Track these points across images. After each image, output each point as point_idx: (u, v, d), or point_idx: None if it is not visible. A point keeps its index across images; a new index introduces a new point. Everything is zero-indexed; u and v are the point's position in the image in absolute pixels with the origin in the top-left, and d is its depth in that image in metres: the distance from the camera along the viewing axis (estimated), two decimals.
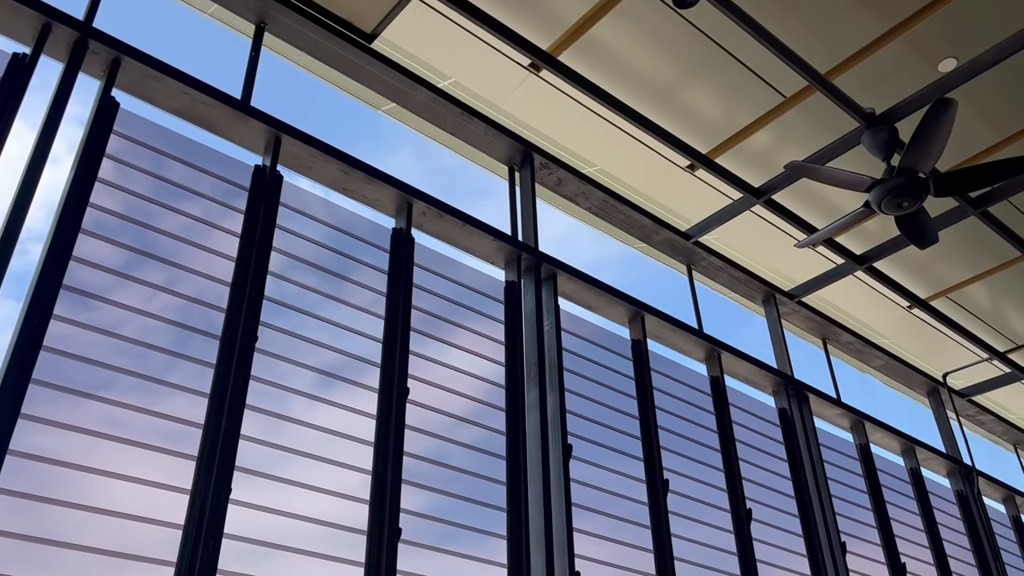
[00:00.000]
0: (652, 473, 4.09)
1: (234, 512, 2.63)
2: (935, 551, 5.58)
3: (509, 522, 3.42)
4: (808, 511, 4.78)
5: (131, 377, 2.66)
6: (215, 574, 2.51)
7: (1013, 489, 6.71)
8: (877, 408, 5.86)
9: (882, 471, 5.57)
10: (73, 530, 2.37)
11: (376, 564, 2.91)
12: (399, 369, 3.35)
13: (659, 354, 4.65)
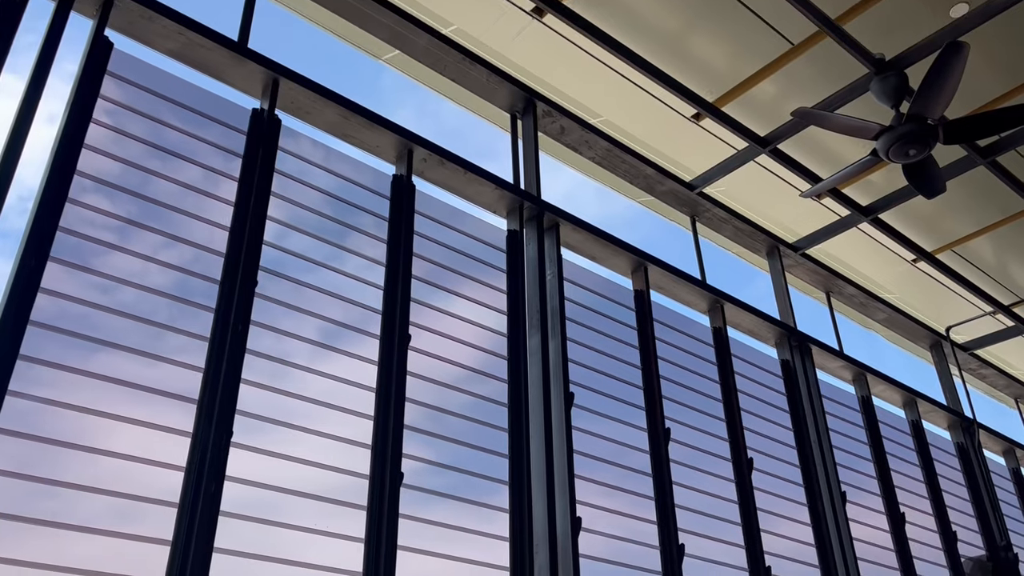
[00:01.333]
0: (654, 422, 4.09)
1: (237, 464, 2.63)
2: (934, 502, 5.61)
3: (511, 469, 3.43)
4: (809, 461, 4.80)
5: (133, 332, 2.64)
6: (216, 517, 2.51)
7: (1013, 442, 6.73)
8: (879, 362, 5.89)
9: (883, 423, 5.58)
10: (79, 475, 2.36)
11: (378, 509, 2.92)
12: (400, 316, 3.33)
13: (662, 305, 4.63)
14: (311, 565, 2.68)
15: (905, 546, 5.09)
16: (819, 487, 4.72)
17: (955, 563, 5.41)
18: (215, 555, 2.47)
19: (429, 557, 3.02)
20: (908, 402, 6.00)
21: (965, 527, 5.74)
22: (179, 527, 2.44)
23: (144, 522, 2.42)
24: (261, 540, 2.65)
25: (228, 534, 2.53)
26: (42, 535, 2.27)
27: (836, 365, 5.54)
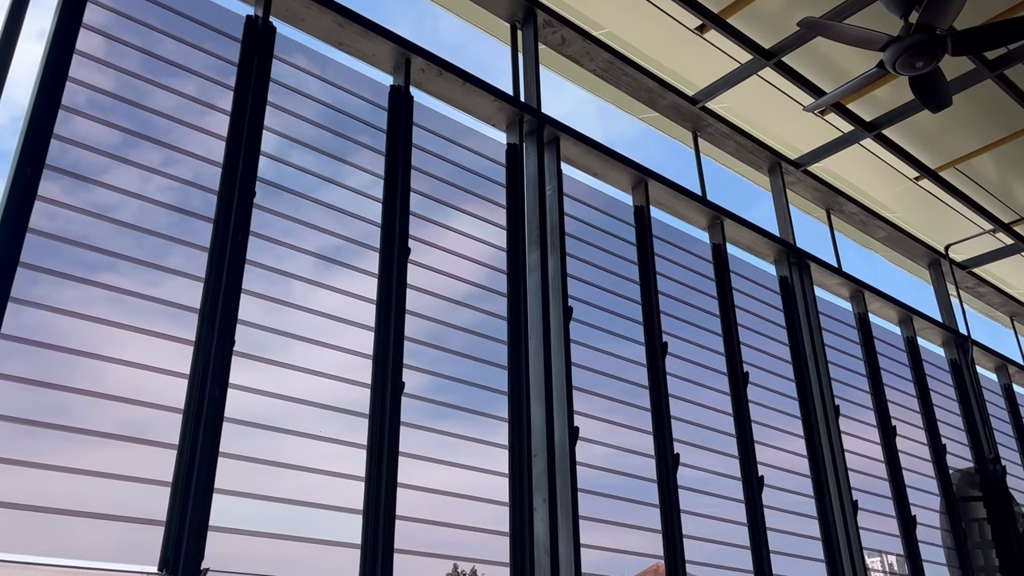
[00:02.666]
0: (651, 337, 4.13)
1: (241, 377, 2.66)
2: (925, 416, 5.72)
3: (510, 380, 3.48)
4: (804, 376, 4.86)
5: (135, 249, 2.63)
6: (221, 424, 2.56)
7: (1006, 358, 6.82)
8: (877, 282, 5.89)
9: (879, 339, 5.64)
10: (82, 409, 2.39)
11: (380, 417, 2.97)
12: (400, 229, 3.33)
13: (662, 221, 4.63)
14: (314, 470, 2.74)
15: (895, 458, 5.20)
16: (813, 401, 4.80)
17: (943, 475, 5.54)
18: (220, 460, 2.52)
19: (431, 464, 3.09)
20: (904, 319, 6.05)
21: (955, 441, 5.86)
22: (184, 433, 2.48)
23: (152, 431, 2.46)
24: (265, 448, 2.70)
25: (233, 443, 2.58)
26: (55, 441, 2.31)
27: (834, 282, 5.56)
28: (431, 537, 3.02)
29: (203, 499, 2.42)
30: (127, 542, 2.37)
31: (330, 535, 2.77)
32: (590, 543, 3.38)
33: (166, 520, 2.36)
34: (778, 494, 4.33)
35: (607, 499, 3.62)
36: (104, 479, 2.32)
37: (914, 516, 5.06)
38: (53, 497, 2.24)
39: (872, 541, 4.68)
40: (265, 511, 2.65)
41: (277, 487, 2.68)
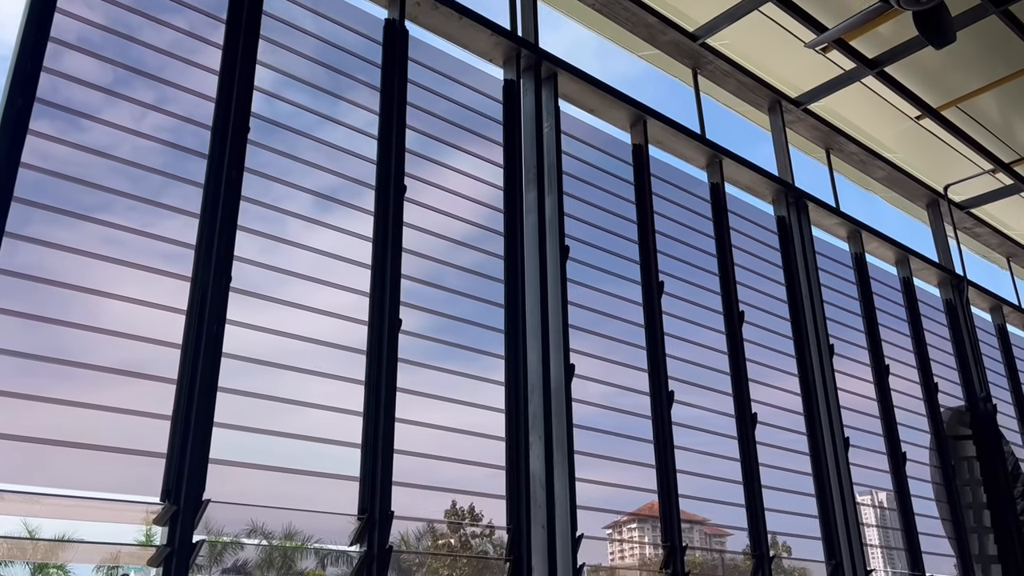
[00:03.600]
0: (648, 275, 4.14)
1: (238, 314, 2.67)
2: (919, 356, 5.77)
3: (507, 318, 3.50)
4: (799, 315, 4.89)
5: (129, 188, 2.61)
6: (219, 359, 2.58)
7: (1001, 299, 6.85)
8: (875, 224, 5.87)
9: (875, 279, 5.66)
10: (81, 347, 2.40)
11: (378, 354, 2.99)
12: (395, 166, 3.30)
13: (660, 160, 4.59)
14: (313, 405, 2.78)
15: (887, 396, 5.27)
16: (808, 340, 4.84)
17: (935, 413, 5.62)
18: (220, 395, 2.55)
19: (428, 401, 3.12)
20: (900, 259, 6.06)
21: (947, 380, 5.93)
22: (183, 369, 2.50)
23: (150, 368, 2.48)
24: (264, 385, 2.73)
25: (232, 380, 2.61)
26: (56, 380, 2.33)
27: (832, 222, 5.55)
28: (429, 475, 3.06)
29: (203, 432, 2.45)
30: (130, 475, 2.41)
31: (329, 469, 2.81)
32: (585, 478, 3.44)
33: (167, 453, 2.40)
34: (771, 431, 4.40)
35: (602, 435, 3.67)
36: (105, 412, 2.34)
37: (904, 453, 5.15)
38: (55, 431, 2.27)
39: (863, 477, 4.77)
40: (265, 445, 2.69)
41: (276, 422, 2.72)
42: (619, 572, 13.60)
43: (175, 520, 2.33)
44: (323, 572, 2.92)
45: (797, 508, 4.44)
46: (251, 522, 2.79)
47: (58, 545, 2.34)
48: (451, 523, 3.23)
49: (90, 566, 2.65)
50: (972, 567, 5.29)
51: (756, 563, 4.03)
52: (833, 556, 4.38)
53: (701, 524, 4.34)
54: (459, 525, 9.84)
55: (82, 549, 2.39)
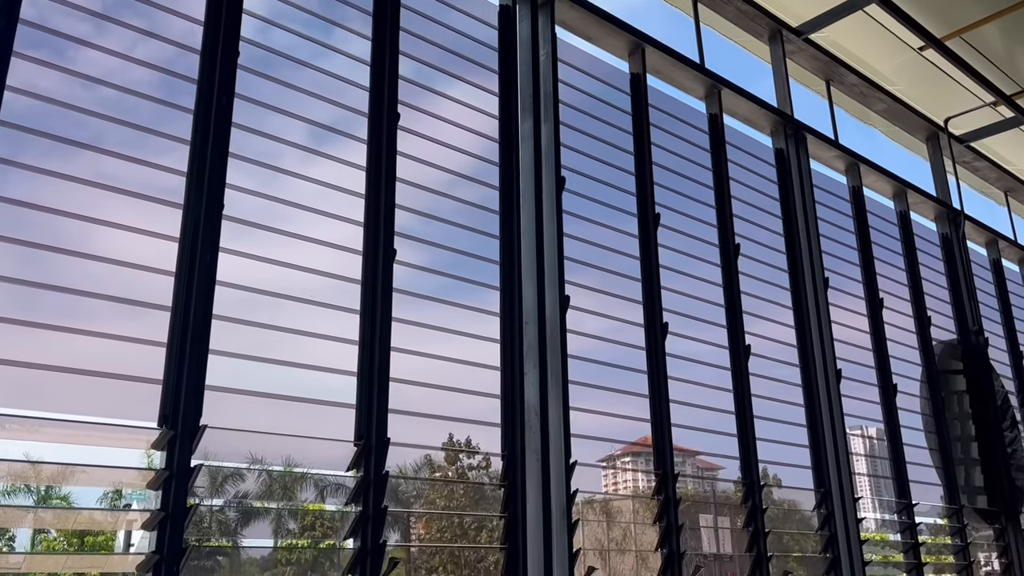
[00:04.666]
0: (644, 207, 4.12)
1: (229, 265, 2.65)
2: (913, 289, 5.79)
3: (502, 249, 3.49)
4: (795, 248, 4.89)
5: (116, 126, 2.56)
6: (213, 287, 2.57)
7: (997, 233, 6.85)
8: (873, 158, 5.82)
9: (871, 213, 5.64)
10: (75, 275, 2.38)
11: (372, 284, 2.99)
12: (388, 94, 3.25)
13: (658, 90, 4.52)
14: (308, 333, 2.78)
15: (880, 329, 5.30)
16: (803, 273, 4.84)
17: (927, 346, 5.67)
18: (215, 323, 2.55)
19: (423, 331, 3.13)
20: (898, 193, 6.04)
21: (941, 313, 5.96)
22: (177, 296, 2.50)
23: (144, 296, 2.48)
24: (259, 315, 2.73)
25: (227, 309, 2.61)
26: (51, 315, 2.32)
27: (830, 155, 5.51)
28: (426, 406, 3.09)
29: (198, 359, 2.47)
30: (127, 401, 2.43)
31: (325, 397, 2.84)
32: (580, 407, 3.47)
33: (163, 379, 2.41)
34: (764, 363, 4.43)
35: (596, 366, 3.70)
36: (100, 339, 2.35)
37: (895, 385, 5.21)
38: (51, 357, 2.27)
39: (854, 408, 4.83)
40: (261, 374, 2.71)
41: (272, 351, 2.73)
42: (613, 503, 13.92)
43: (173, 444, 2.36)
44: (322, 504, 2.97)
45: (788, 439, 4.51)
46: (249, 453, 2.83)
47: (59, 472, 2.37)
48: (447, 451, 3.28)
49: (93, 492, 2.70)
50: (958, 496, 5.40)
51: (747, 491, 4.10)
52: (822, 485, 4.47)
53: (693, 457, 4.42)
54: (456, 458, 10.02)
55: (82, 474, 2.42)
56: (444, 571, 14.09)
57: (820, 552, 4.38)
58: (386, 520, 2.77)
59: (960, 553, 5.26)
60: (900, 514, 4.95)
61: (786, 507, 4.91)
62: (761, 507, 4.07)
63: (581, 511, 3.36)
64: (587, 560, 3.66)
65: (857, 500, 4.55)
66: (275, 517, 19.81)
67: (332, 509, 2.93)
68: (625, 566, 18.24)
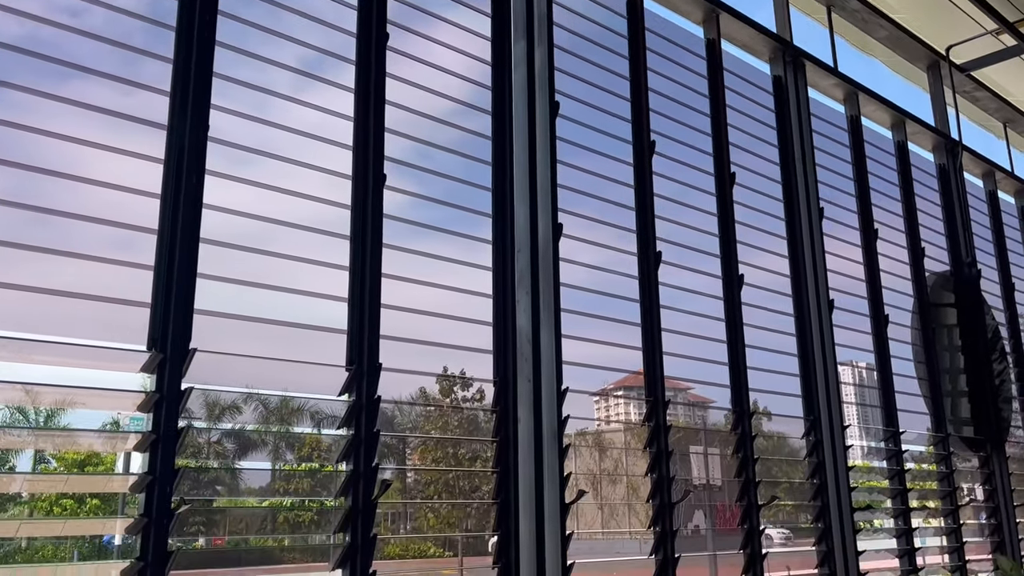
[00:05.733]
0: (639, 135, 4.06)
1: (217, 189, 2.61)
2: (908, 220, 5.77)
3: (494, 175, 3.44)
4: (791, 177, 4.84)
5: (100, 64, 2.48)
6: (200, 211, 2.54)
7: (994, 164, 6.79)
8: (872, 88, 5.72)
9: (869, 143, 5.57)
10: (59, 199, 2.33)
11: (362, 208, 2.95)
12: (377, 13, 3.16)
13: (655, 14, 4.41)
14: (298, 258, 2.75)
15: (874, 260, 5.29)
16: (798, 202, 4.81)
17: (920, 278, 5.67)
18: (204, 247, 2.52)
19: (414, 256, 3.10)
20: (896, 123, 5.96)
21: (935, 245, 5.95)
22: (163, 219, 2.46)
23: (131, 218, 2.44)
24: (247, 240, 2.70)
25: (215, 231, 2.57)
26: (36, 228, 2.29)
27: (829, 83, 5.42)
28: (418, 335, 3.07)
29: (186, 282, 2.44)
30: (117, 325, 2.41)
31: (316, 322, 2.83)
32: (572, 335, 3.47)
33: (151, 302, 2.39)
34: (757, 292, 4.43)
35: (589, 295, 3.69)
36: (87, 261, 2.32)
37: (887, 315, 5.23)
38: (37, 279, 2.25)
39: (845, 338, 4.85)
40: (252, 301, 2.69)
41: (261, 276, 2.70)
42: (605, 436, 14.07)
43: (162, 368, 2.35)
44: (318, 433, 2.99)
45: (779, 367, 4.54)
46: (243, 383, 2.83)
47: (55, 400, 2.37)
48: (438, 377, 3.29)
49: (90, 422, 2.71)
50: (945, 425, 5.47)
51: (736, 419, 4.14)
52: (811, 413, 4.51)
53: (685, 391, 4.45)
54: (450, 390, 10.04)
55: (74, 397, 2.42)
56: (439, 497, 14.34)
57: (807, 478, 4.45)
58: (379, 446, 2.79)
59: (944, 480, 5.36)
60: (887, 442, 5.02)
61: (775, 440, 4.97)
62: (751, 434, 4.11)
63: (574, 442, 3.40)
64: (579, 488, 3.70)
65: (845, 428, 4.61)
66: (272, 448, 20.05)
67: (327, 434, 2.94)
68: (616, 495, 18.55)
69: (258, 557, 14.65)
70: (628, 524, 19.07)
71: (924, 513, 5.31)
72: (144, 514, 2.27)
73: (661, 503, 3.60)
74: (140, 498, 2.31)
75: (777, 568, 4.16)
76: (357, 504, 2.69)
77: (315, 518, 20.00)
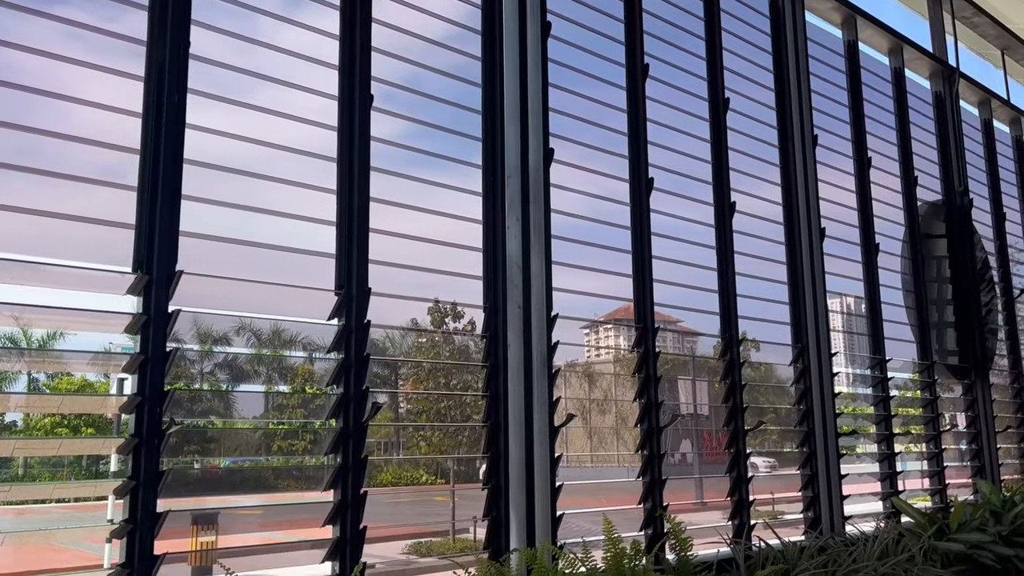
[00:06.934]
0: (633, 58, 3.98)
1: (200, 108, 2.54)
2: (902, 149, 5.72)
3: (484, 98, 3.38)
4: (785, 104, 4.77)
5: None
6: (183, 130, 2.48)
7: (991, 92, 6.72)
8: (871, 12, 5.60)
9: (865, 68, 5.49)
10: (39, 118, 2.27)
11: (348, 130, 2.90)
12: None
13: None
14: (284, 180, 2.71)
15: (867, 188, 5.27)
16: (792, 129, 4.75)
17: (911, 205, 5.65)
18: (187, 168, 2.48)
19: (402, 179, 3.06)
20: (894, 48, 5.86)
21: (928, 174, 5.92)
22: (145, 138, 2.41)
23: (114, 138, 2.39)
24: (232, 162, 2.65)
25: (200, 152, 2.52)
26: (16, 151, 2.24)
27: (826, 6, 5.30)
28: (407, 260, 3.05)
29: (171, 203, 2.41)
30: (102, 248, 2.38)
31: (305, 247, 2.80)
32: (562, 261, 3.46)
33: (135, 223, 2.36)
34: (749, 220, 4.41)
35: (580, 222, 3.66)
36: (70, 182, 2.27)
37: (878, 244, 5.23)
38: (19, 199, 2.21)
39: (835, 267, 4.85)
40: (239, 225, 2.66)
41: (248, 200, 2.66)
42: (594, 368, 14.20)
43: (149, 289, 2.33)
44: (310, 364, 2.98)
45: (770, 295, 4.54)
46: (237, 316, 2.81)
47: (40, 319, 2.35)
48: (430, 309, 3.29)
49: (78, 343, 2.69)
50: (931, 354, 5.53)
51: (725, 346, 4.17)
52: (800, 340, 4.54)
53: (675, 324, 4.46)
54: (442, 321, 10.03)
55: (61, 320, 2.41)
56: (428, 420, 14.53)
57: (794, 404, 4.51)
58: (369, 373, 2.80)
59: (928, 407, 5.44)
60: (873, 369, 5.07)
61: (763, 370, 5.02)
62: (739, 361, 4.14)
63: (563, 373, 3.41)
64: (568, 412, 3.73)
65: (833, 356, 4.65)
66: (265, 379, 20.19)
67: (318, 358, 2.94)
68: (605, 425, 18.81)
69: (253, 484, 14.89)
70: (616, 451, 19.46)
71: (907, 439, 5.41)
72: (135, 435, 2.28)
73: (649, 427, 3.64)
74: (132, 421, 2.31)
75: (761, 493, 4.25)
76: (348, 426, 2.71)
77: (308, 447, 20.24)
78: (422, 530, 13.42)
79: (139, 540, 2.22)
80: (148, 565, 2.22)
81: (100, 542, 10.97)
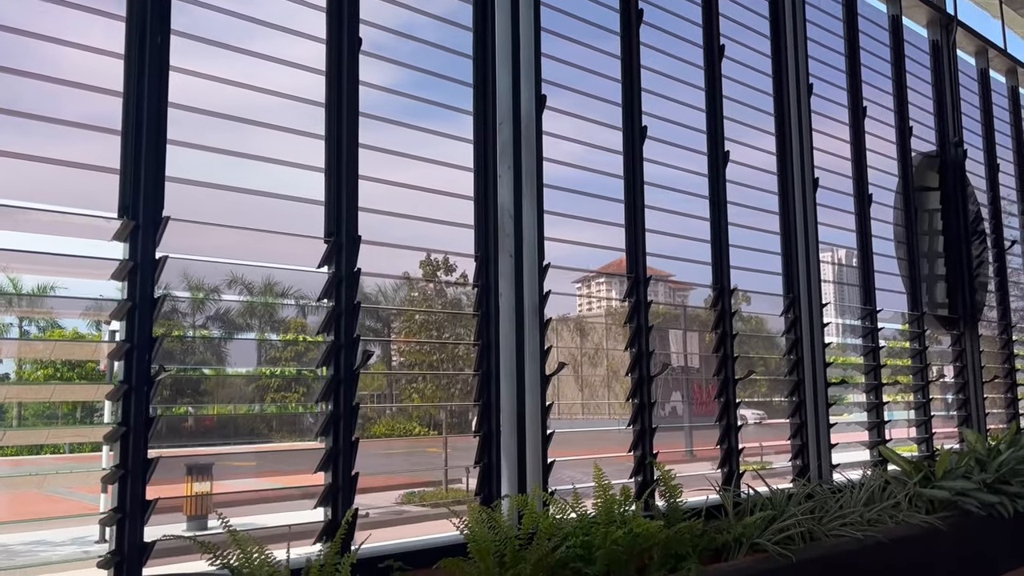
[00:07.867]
0: (626, 1, 3.90)
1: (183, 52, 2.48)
2: (898, 99, 5.67)
3: (475, 42, 3.32)
4: (781, 51, 4.71)
5: None
6: (167, 73, 2.43)
7: (988, 41, 6.64)
8: None
9: (863, 16, 5.41)
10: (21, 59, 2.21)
11: (337, 76, 2.84)
12: None
13: None
14: (270, 125, 2.66)
15: (861, 138, 5.23)
16: (787, 78, 4.70)
17: (906, 156, 5.62)
18: (172, 112, 2.43)
19: (392, 126, 3.01)
20: None
21: (923, 124, 5.87)
22: (128, 82, 2.36)
23: (97, 81, 2.33)
24: (219, 107, 2.60)
25: (185, 96, 2.47)
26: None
27: None
28: (397, 209, 3.01)
29: (156, 148, 2.36)
30: (88, 194, 2.35)
31: (293, 194, 2.76)
32: (555, 211, 3.43)
33: (120, 168, 2.31)
34: (742, 170, 4.38)
35: (572, 171, 3.62)
36: (53, 125, 2.22)
37: (871, 195, 5.21)
38: (8, 144, 2.17)
39: (828, 217, 4.84)
40: (226, 172, 2.61)
41: (235, 146, 2.62)
42: (586, 321, 14.10)
43: (135, 235, 2.30)
44: (304, 321, 2.95)
45: (762, 245, 4.53)
46: (219, 255, 2.77)
47: (26, 266, 2.32)
48: (422, 263, 3.26)
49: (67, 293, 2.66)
50: (921, 305, 5.55)
51: (716, 295, 4.17)
52: (791, 290, 4.55)
53: (666, 278, 4.44)
54: (433, 275, 10.00)
55: (48, 266, 2.38)
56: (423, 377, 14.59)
57: (785, 354, 4.53)
58: (359, 321, 2.78)
59: (917, 357, 5.47)
60: (864, 320, 5.09)
61: (754, 322, 5.03)
62: (730, 311, 4.15)
63: (555, 327, 3.40)
64: (560, 361, 3.74)
65: (824, 306, 4.66)
66: (258, 331, 20.17)
67: (310, 306, 2.92)
68: (596, 376, 18.87)
69: (246, 435, 14.98)
70: (608, 404, 19.58)
71: (895, 389, 5.45)
72: (124, 381, 2.27)
73: (640, 377, 3.66)
74: (122, 368, 2.30)
75: (750, 442, 4.28)
76: (339, 373, 2.70)
77: (301, 400, 20.29)
78: (415, 480, 13.57)
79: (131, 485, 2.22)
80: (140, 510, 2.23)
81: (96, 491, 11.06)
